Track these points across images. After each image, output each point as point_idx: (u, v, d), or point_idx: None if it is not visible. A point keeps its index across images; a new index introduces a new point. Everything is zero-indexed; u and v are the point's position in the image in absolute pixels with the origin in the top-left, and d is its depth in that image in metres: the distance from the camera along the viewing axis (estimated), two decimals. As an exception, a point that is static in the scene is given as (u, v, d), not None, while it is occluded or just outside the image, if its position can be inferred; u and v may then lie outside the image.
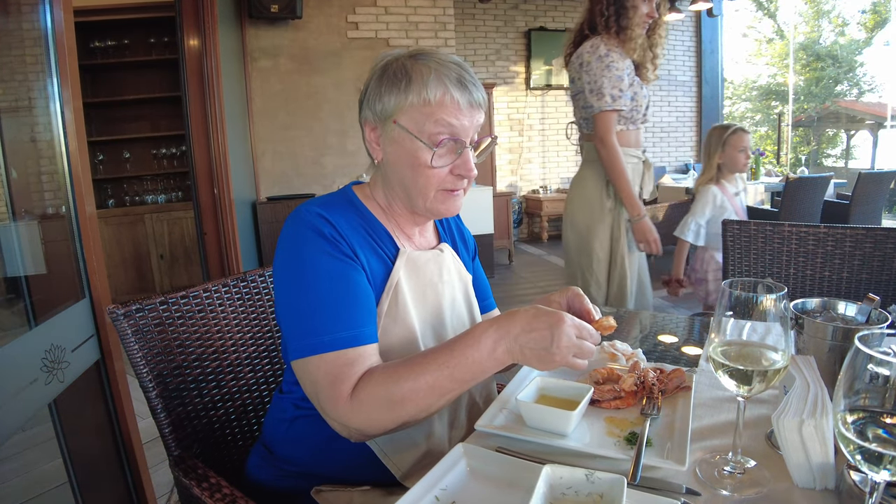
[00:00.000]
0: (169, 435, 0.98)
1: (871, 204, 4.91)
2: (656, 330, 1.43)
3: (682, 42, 7.61)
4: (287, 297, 0.84)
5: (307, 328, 0.80)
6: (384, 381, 0.77)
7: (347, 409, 0.77)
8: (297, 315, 0.82)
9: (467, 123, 0.87)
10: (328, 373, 0.78)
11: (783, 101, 14.28)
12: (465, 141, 0.88)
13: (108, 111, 4.62)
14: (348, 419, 0.77)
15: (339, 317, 0.80)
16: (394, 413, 0.76)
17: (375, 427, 0.78)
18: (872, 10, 13.63)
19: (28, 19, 1.40)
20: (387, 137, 0.90)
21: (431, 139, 0.85)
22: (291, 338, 0.83)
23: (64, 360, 1.27)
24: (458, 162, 0.88)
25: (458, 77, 0.86)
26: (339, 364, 0.78)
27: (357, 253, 0.86)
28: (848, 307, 0.91)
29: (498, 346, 0.77)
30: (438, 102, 0.85)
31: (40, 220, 1.51)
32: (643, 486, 0.67)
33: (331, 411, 0.78)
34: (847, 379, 0.51)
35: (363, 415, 0.77)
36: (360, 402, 0.76)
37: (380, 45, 4.87)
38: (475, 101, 0.88)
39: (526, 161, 7.16)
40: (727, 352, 0.70)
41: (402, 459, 0.89)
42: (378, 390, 0.76)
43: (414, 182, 0.89)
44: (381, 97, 0.88)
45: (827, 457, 0.66)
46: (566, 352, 0.75)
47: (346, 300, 0.82)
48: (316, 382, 0.80)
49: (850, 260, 1.61)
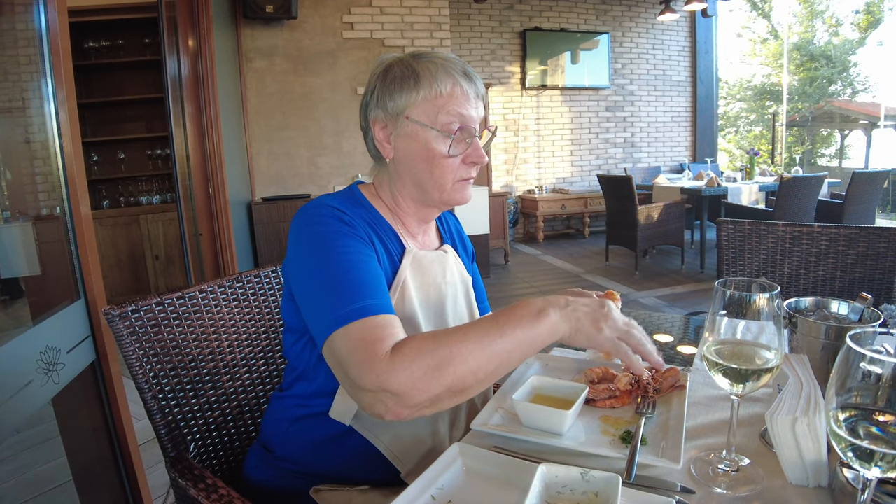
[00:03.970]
0: (165, 436, 0.97)
1: (865, 203, 4.94)
2: (651, 329, 1.43)
3: (677, 42, 7.64)
4: (309, 282, 0.81)
5: (332, 304, 0.76)
6: (427, 339, 0.72)
7: (387, 367, 0.70)
8: (320, 295, 0.79)
9: (475, 114, 0.92)
10: (360, 338, 0.73)
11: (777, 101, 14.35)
12: (474, 128, 0.92)
13: (102, 112, 4.60)
14: (387, 379, 0.69)
15: (365, 287, 0.78)
16: (439, 372, 0.70)
17: (417, 390, 0.70)
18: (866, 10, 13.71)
19: (22, 20, 1.39)
20: (399, 134, 0.91)
21: (445, 129, 0.89)
22: (317, 321, 0.78)
23: (59, 361, 1.27)
24: (470, 150, 0.92)
25: (464, 70, 0.91)
26: (371, 327, 0.74)
27: (373, 240, 0.88)
28: (841, 306, 0.92)
29: (549, 309, 0.75)
30: (449, 94, 0.89)
31: (35, 221, 1.50)
32: (638, 485, 0.67)
33: (367, 374, 0.70)
34: (839, 377, 0.52)
35: (405, 373, 0.69)
36: (403, 356, 0.70)
37: (375, 45, 4.88)
38: (479, 92, 0.93)
39: (521, 161, 7.16)
40: (721, 351, 0.70)
41: (407, 457, 0.89)
42: (423, 345, 0.71)
43: (429, 174, 0.91)
44: (391, 95, 0.90)
45: (820, 454, 0.66)
46: (615, 325, 0.76)
47: (369, 273, 0.80)
48: (348, 352, 0.73)
49: (844, 259, 1.62)
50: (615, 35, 7.29)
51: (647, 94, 7.60)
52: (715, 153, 7.98)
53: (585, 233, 7.19)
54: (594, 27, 7.18)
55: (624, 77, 7.44)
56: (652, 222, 4.92)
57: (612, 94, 7.41)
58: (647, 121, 7.65)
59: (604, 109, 7.42)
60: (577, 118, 7.31)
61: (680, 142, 7.88)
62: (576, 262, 5.86)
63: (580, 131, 7.35)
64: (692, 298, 4.41)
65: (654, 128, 7.72)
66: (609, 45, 7.23)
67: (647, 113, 7.63)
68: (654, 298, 4.46)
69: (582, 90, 7.24)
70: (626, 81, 7.47)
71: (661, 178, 6.07)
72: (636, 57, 7.47)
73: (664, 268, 5.45)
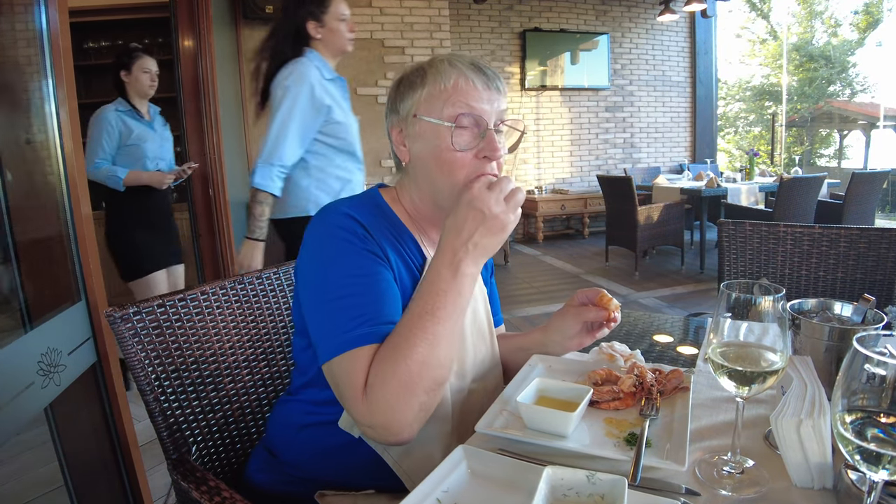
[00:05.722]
0: (167, 438, 0.97)
1: (865, 204, 4.95)
2: (651, 330, 1.43)
3: (677, 43, 7.64)
4: (312, 301, 0.82)
5: (329, 329, 0.78)
6: (383, 362, 0.73)
7: (366, 407, 0.72)
8: (320, 317, 0.80)
9: (487, 107, 0.86)
10: (348, 372, 0.75)
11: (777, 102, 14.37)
12: (486, 121, 0.86)
13: (102, 112, 4.59)
14: (370, 418, 0.72)
15: (360, 313, 0.77)
16: (409, 388, 0.71)
17: (399, 413, 0.72)
18: (865, 10, 13.74)
19: (23, 20, 1.39)
20: (411, 135, 0.90)
21: (450, 119, 0.85)
22: (317, 342, 0.80)
23: (60, 363, 1.27)
24: (483, 144, 0.86)
25: (472, 61, 0.88)
26: (358, 358, 0.74)
27: (388, 254, 0.85)
28: (844, 308, 0.92)
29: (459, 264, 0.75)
30: (454, 86, 0.85)
31: (35, 221, 1.50)
32: (643, 487, 0.67)
33: (353, 412, 0.74)
34: (845, 379, 0.52)
35: (380, 405, 0.71)
36: (373, 390, 0.72)
37: (375, 45, 4.87)
38: (492, 84, 0.87)
39: (521, 161, 7.16)
40: (726, 353, 0.70)
41: (417, 473, 0.86)
42: (382, 370, 0.72)
43: (440, 171, 0.87)
44: (402, 98, 0.90)
45: (825, 456, 0.66)
46: (504, 207, 0.76)
47: (367, 296, 0.79)
48: (337, 385, 0.76)
49: (845, 260, 1.62)
50: (615, 36, 7.30)
51: (647, 94, 7.60)
52: (714, 154, 7.99)
53: (585, 233, 7.19)
54: (594, 28, 7.19)
55: (623, 77, 7.45)
56: (652, 223, 4.92)
57: (611, 94, 7.42)
58: (646, 121, 7.66)
59: (603, 110, 7.42)
60: (576, 119, 7.32)
61: (679, 142, 7.89)
62: (575, 262, 5.86)
63: (580, 132, 7.36)
64: (692, 299, 4.41)
65: (654, 128, 7.72)
66: (608, 46, 7.24)
67: (647, 113, 7.64)
68: (654, 299, 4.46)
69: (581, 91, 7.25)
70: (626, 82, 7.47)
71: (661, 178, 6.08)
72: (636, 57, 7.48)
73: (664, 268, 5.45)
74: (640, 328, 1.46)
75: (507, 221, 0.75)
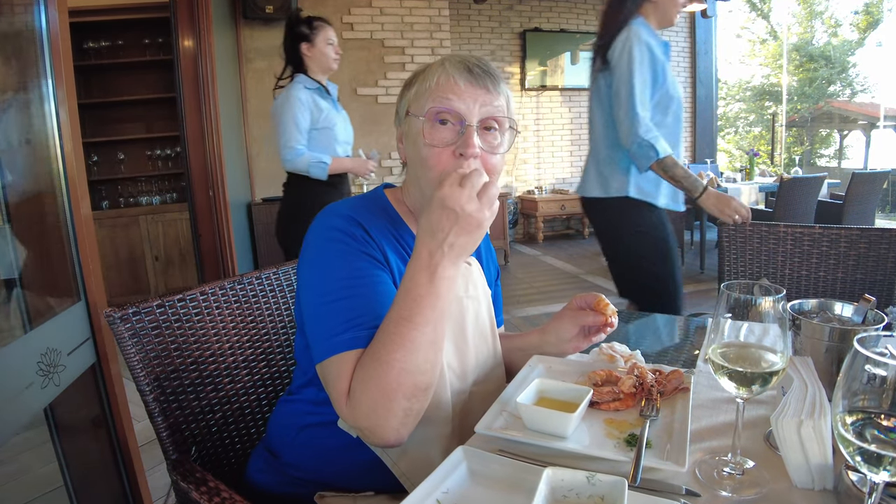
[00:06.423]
0: (167, 438, 0.97)
1: (865, 204, 4.95)
2: (651, 330, 1.43)
3: (677, 43, 7.64)
4: (309, 302, 0.83)
5: (321, 332, 0.79)
6: (364, 368, 0.73)
7: (349, 411, 0.74)
8: (314, 318, 0.81)
9: (467, 104, 0.84)
10: (335, 376, 0.76)
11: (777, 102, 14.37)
12: (464, 118, 0.84)
13: (102, 112, 4.59)
14: (354, 421, 0.74)
15: (350, 317, 0.78)
16: (389, 395, 0.71)
17: (382, 418, 0.72)
18: (865, 10, 13.74)
19: (22, 20, 1.39)
20: (405, 133, 0.92)
21: (427, 115, 0.85)
22: (311, 344, 0.81)
23: (60, 363, 1.26)
24: (460, 141, 0.84)
25: (462, 60, 0.87)
26: (340, 364, 0.76)
27: (388, 258, 0.86)
28: (844, 308, 0.92)
29: (436, 267, 0.72)
30: (437, 83, 0.86)
31: (35, 222, 1.50)
32: (643, 488, 0.67)
33: (342, 417, 0.76)
34: (846, 380, 0.51)
35: (362, 410, 0.72)
36: (354, 396, 0.73)
37: (375, 45, 4.87)
38: (479, 82, 0.85)
39: (521, 162, 7.16)
40: (726, 353, 0.70)
41: (416, 475, 0.86)
42: (363, 377, 0.72)
43: (421, 168, 0.87)
44: (402, 97, 0.93)
45: (825, 457, 0.66)
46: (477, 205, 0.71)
47: (359, 299, 0.79)
48: (327, 388, 0.78)
49: (846, 260, 1.62)
50: (615, 36, 7.28)
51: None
52: (714, 154, 7.98)
53: (585, 233, 7.18)
54: (594, 28, 7.17)
55: (623, 78, 7.44)
56: (652, 223, 4.91)
57: (611, 94, 7.40)
58: (646, 121, 7.64)
59: (603, 110, 7.41)
60: (576, 119, 7.31)
61: (679, 142, 7.87)
62: (576, 262, 5.86)
63: (580, 132, 7.35)
64: (692, 299, 4.41)
65: (654, 128, 7.71)
66: (609, 46, 7.22)
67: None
68: (654, 299, 4.45)
69: (581, 91, 7.24)
70: (626, 82, 7.46)
71: (661, 178, 6.06)
72: (636, 57, 7.46)
73: (664, 268, 5.43)
74: (640, 328, 1.45)
75: (482, 219, 0.72)
